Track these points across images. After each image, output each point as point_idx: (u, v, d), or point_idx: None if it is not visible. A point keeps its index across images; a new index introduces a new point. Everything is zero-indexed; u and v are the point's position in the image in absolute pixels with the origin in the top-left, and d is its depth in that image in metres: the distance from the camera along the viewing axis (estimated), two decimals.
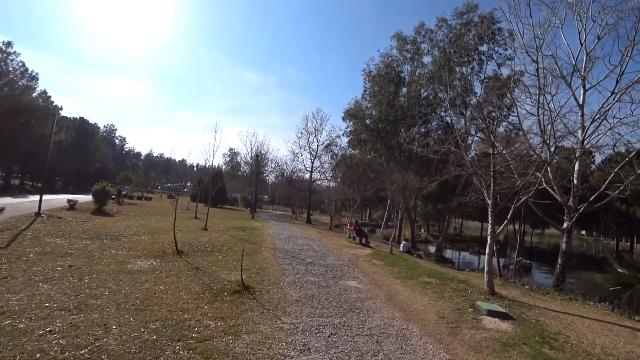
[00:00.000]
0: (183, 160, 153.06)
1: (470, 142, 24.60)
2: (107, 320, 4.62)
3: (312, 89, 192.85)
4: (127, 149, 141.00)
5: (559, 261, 12.91)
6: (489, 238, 8.67)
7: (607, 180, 11.01)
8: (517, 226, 44.78)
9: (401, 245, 19.27)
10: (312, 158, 35.92)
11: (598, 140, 11.77)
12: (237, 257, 9.94)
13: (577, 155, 13.16)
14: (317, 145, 35.75)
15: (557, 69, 14.12)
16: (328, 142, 34.68)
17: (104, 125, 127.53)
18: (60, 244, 10.17)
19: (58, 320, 4.55)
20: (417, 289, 7.93)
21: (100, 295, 5.63)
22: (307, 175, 37.44)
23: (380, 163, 28.74)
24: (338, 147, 34.51)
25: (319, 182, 39.96)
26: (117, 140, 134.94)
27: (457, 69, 25.29)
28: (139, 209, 27.14)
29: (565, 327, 6.36)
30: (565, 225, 12.76)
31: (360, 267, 10.20)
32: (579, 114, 13.91)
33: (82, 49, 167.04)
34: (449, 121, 26.10)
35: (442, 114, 26.80)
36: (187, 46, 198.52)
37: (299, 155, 36.94)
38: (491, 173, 8.61)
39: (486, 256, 8.64)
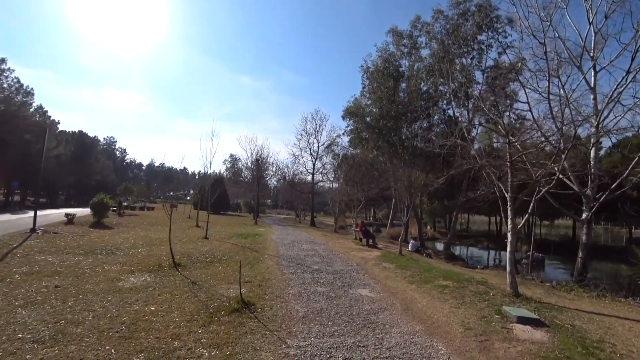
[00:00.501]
0: (185, 168, 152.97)
1: (474, 134, 23.93)
2: (85, 354, 3.98)
3: (308, 90, 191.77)
4: (128, 160, 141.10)
5: (580, 254, 12.19)
6: (509, 235, 7.99)
7: (631, 166, 10.30)
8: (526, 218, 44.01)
9: (410, 244, 18.57)
10: (313, 159, 35.27)
11: (616, 124, 11.05)
12: (238, 267, 9.32)
13: (592, 141, 12.45)
14: (318, 147, 35.13)
15: (565, 51, 13.45)
16: (329, 142, 34.01)
17: (104, 138, 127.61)
18: (50, 262, 9.57)
19: (28, 356, 3.92)
20: (435, 295, 7.25)
21: (83, 320, 4.99)
22: (309, 178, 36.81)
23: (383, 161, 28.01)
24: (339, 147, 33.86)
25: (321, 184, 39.31)
26: (117, 152, 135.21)
27: (457, 60, 24.63)
28: (140, 220, 26.65)
29: (606, 333, 5.67)
30: (584, 216, 12.04)
31: (371, 272, 9.53)
32: (591, 97, 13.23)
33: (80, 63, 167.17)
34: (452, 114, 25.47)
35: (445, 107, 26.12)
36: (182, 54, 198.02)
37: (300, 157, 36.32)
38: (507, 164, 7.94)
39: (507, 254, 7.95)
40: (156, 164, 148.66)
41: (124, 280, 7.61)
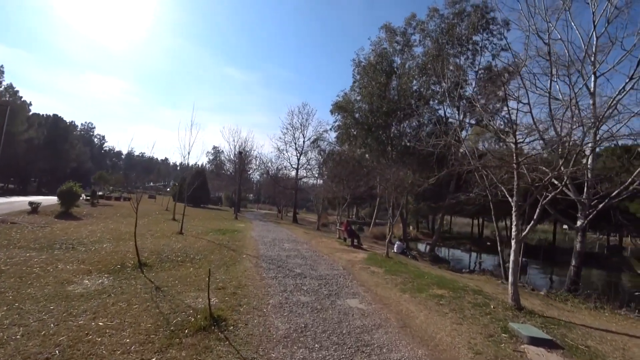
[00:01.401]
0: (166, 159, 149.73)
1: (464, 136, 23.50)
2: None
3: (298, 86, 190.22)
4: (106, 148, 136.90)
5: (573, 262, 11.77)
6: (513, 242, 7.32)
7: (636, 173, 9.81)
8: (507, 222, 44.29)
9: (395, 246, 17.93)
10: (298, 154, 34.30)
11: (618, 130, 10.56)
12: (212, 269, 8.35)
13: (590, 147, 11.99)
14: (304, 141, 34.18)
15: (567, 55, 12.96)
16: (315, 137, 33.04)
17: (82, 123, 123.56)
18: None
19: None
20: (432, 307, 6.50)
21: (7, 340, 3.97)
22: (293, 173, 35.85)
23: (370, 159, 27.26)
24: (326, 143, 32.95)
25: (305, 180, 38.38)
26: (95, 139, 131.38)
27: (451, 59, 24.09)
28: (114, 211, 25.17)
29: (624, 355, 5.07)
30: (579, 223, 11.60)
31: (359, 278, 8.72)
32: (591, 102, 12.79)
33: (59, 45, 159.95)
34: (443, 114, 24.94)
35: (436, 106, 25.53)
36: (170, 43, 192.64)
37: (284, 152, 35.28)
38: (514, 166, 7.26)
39: (511, 264, 7.28)
40: (136, 153, 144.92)
41: (77, 283, 6.55)
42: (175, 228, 16.62)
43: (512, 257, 7.21)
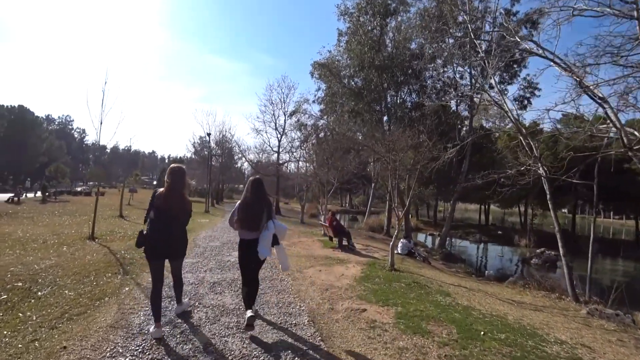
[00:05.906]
0: (153, 152, 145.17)
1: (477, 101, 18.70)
2: None
3: (286, 73, 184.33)
4: (87, 142, 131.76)
5: None
6: None
7: None
8: (520, 209, 39.81)
9: (400, 246, 13.09)
10: (279, 135, 29.40)
11: None
12: (35, 324, 3.53)
13: None
14: (285, 120, 29.22)
15: None
16: (294, 108, 27.92)
17: (59, 117, 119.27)
18: None
19: None
20: None
21: None
22: (275, 157, 31.00)
23: (359, 137, 22.29)
24: (307, 116, 27.83)
25: (291, 165, 33.62)
26: (75, 133, 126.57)
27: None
28: (58, 208, 20.50)
29: None
30: None
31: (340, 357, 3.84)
32: None
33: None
34: (452, 75, 19.94)
35: (440, 66, 20.44)
36: (153, 32, 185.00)
37: (264, 133, 30.38)
38: None
39: None
40: (121, 147, 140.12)
41: None
42: (103, 228, 12.32)
43: None
